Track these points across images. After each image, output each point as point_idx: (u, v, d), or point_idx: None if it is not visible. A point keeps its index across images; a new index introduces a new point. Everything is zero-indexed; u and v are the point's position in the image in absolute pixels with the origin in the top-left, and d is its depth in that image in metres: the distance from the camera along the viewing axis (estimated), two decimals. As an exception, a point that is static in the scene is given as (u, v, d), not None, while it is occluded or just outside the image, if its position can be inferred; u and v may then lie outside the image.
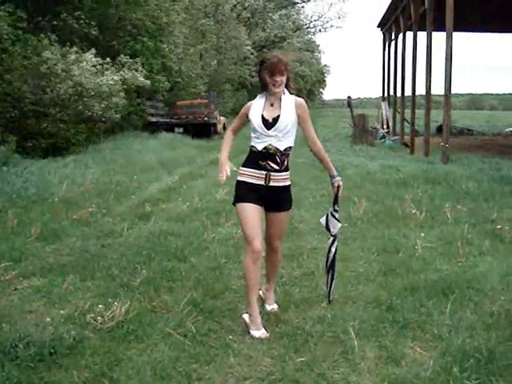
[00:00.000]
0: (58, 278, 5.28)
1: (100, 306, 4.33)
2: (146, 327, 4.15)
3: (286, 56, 4.30)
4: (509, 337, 3.89)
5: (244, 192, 4.27)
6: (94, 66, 15.37)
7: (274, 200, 4.28)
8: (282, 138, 4.18)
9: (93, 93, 14.96)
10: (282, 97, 4.23)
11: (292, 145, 4.25)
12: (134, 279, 5.18)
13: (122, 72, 17.23)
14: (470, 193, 9.49)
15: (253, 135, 4.28)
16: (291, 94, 4.29)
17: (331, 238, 4.68)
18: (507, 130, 30.21)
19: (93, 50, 15.75)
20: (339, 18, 55.57)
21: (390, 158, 14.77)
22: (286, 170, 4.27)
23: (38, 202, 8.69)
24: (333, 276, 4.68)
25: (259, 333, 4.08)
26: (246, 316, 4.26)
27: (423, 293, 4.76)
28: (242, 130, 4.60)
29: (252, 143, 4.29)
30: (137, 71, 18.11)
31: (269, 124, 4.18)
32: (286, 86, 4.27)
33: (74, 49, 15.19)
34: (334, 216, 4.60)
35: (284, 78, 4.17)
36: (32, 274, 5.48)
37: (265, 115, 4.21)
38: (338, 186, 4.48)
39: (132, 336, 4.01)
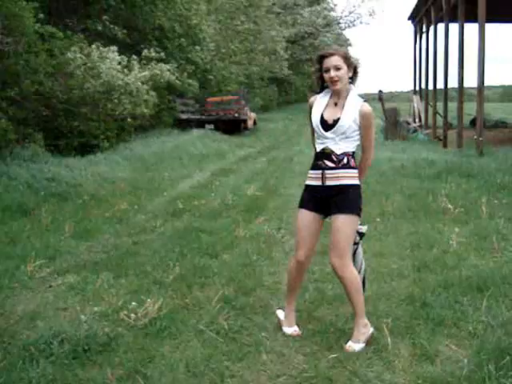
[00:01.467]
0: (91, 275, 5.34)
1: (133, 302, 4.35)
2: (178, 324, 4.16)
3: (339, 48, 3.99)
4: (547, 334, 3.81)
5: (305, 196, 4.01)
6: (120, 63, 15.47)
7: (332, 201, 3.85)
8: (340, 142, 3.82)
9: (122, 90, 15.07)
10: (348, 97, 3.87)
11: (352, 150, 3.87)
12: (166, 276, 5.21)
13: (149, 67, 17.30)
14: (505, 186, 9.32)
15: (316, 136, 3.97)
16: (362, 97, 3.91)
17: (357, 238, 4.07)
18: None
19: (114, 48, 15.83)
20: (370, 15, 55.11)
21: (422, 152, 14.59)
22: (345, 167, 3.83)
23: (70, 199, 8.83)
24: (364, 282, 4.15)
25: (291, 330, 4.03)
26: (279, 312, 4.21)
27: (458, 289, 4.69)
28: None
29: (315, 145, 4.00)
30: (164, 64, 18.08)
31: (328, 125, 3.84)
32: (352, 79, 3.92)
33: (96, 46, 15.31)
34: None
35: (342, 73, 3.79)
36: (66, 271, 5.55)
37: (325, 115, 3.87)
38: None
39: (165, 333, 4.03)
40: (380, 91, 23.93)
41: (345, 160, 3.84)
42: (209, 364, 3.56)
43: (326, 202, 3.88)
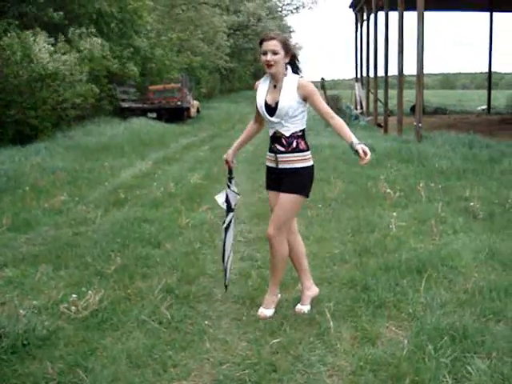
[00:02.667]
0: (30, 269, 5.20)
1: (73, 295, 4.25)
2: (120, 315, 4.10)
3: (280, 33, 4.05)
4: (482, 313, 3.93)
5: (266, 177, 4.27)
6: (51, 44, 15.06)
7: (281, 181, 4.06)
8: (287, 124, 3.95)
9: (57, 74, 14.69)
10: (285, 78, 3.97)
11: (300, 128, 3.99)
12: (107, 267, 5.12)
13: (79, 44, 16.88)
14: (443, 171, 9.57)
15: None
16: (298, 74, 4.02)
17: (231, 214, 4.41)
18: (479, 108, 30.49)
19: (44, 32, 15.40)
20: (312, 2, 55.57)
21: (363, 138, 14.72)
22: (294, 151, 3.98)
23: (8, 191, 8.58)
24: (225, 253, 4.42)
25: (261, 309, 4.13)
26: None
27: (398, 272, 4.78)
28: None
29: None
30: (93, 38, 17.63)
31: (271, 110, 3.98)
32: (293, 66, 4.02)
33: (32, 32, 14.89)
34: (231, 189, 4.42)
35: (277, 58, 3.89)
36: (4, 264, 5.39)
37: (268, 100, 4.01)
38: (365, 153, 3.98)
39: (106, 325, 3.97)
40: (322, 79, 24.15)
41: (294, 144, 3.98)
42: (151, 354, 3.53)
43: (280, 180, 4.07)
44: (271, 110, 3.98)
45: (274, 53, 3.90)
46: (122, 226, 6.66)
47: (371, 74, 24.25)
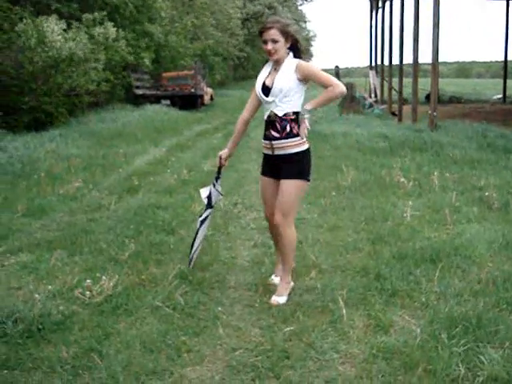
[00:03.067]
0: (45, 254, 5.25)
1: (88, 280, 4.29)
2: (134, 301, 4.13)
3: (280, 20, 4.11)
4: (496, 303, 3.91)
5: (262, 163, 4.35)
6: (64, 30, 15.08)
7: (279, 168, 4.14)
8: (280, 103, 4.03)
9: (69, 59, 14.72)
10: (286, 60, 4.07)
11: (294, 110, 4.04)
12: (122, 253, 5.15)
13: (93, 29, 16.89)
14: (457, 160, 9.52)
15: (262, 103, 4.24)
16: (300, 58, 4.13)
17: (209, 210, 4.66)
18: (494, 97, 30.21)
19: (55, 16, 15.40)
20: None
21: (377, 127, 14.73)
22: (289, 137, 4.04)
23: (23, 177, 8.64)
24: (195, 243, 4.66)
25: (274, 297, 4.17)
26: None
27: (411, 261, 4.77)
28: None
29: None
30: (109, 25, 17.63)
31: (267, 90, 4.09)
32: (295, 51, 4.13)
33: (45, 18, 14.89)
34: (216, 187, 4.61)
35: (278, 45, 4.00)
36: (19, 250, 5.44)
37: (266, 81, 4.13)
38: (304, 125, 4.06)
39: (120, 310, 4.00)
40: (336, 66, 24.03)
41: (287, 128, 4.05)
42: (165, 340, 3.55)
43: (277, 167, 4.16)
44: (268, 90, 4.08)
45: (274, 41, 4.01)
46: (135, 212, 6.70)
47: (386, 62, 24.11)
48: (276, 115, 4.06)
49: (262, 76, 4.20)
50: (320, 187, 7.89)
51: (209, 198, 4.61)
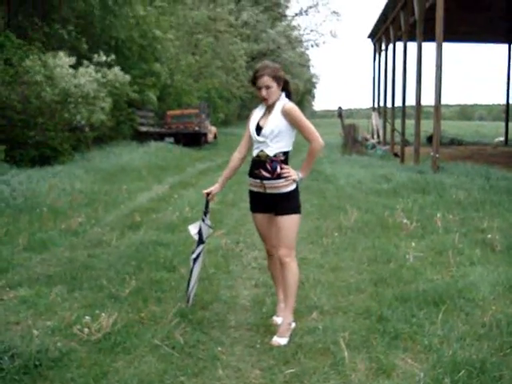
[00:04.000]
0: (44, 289, 5.20)
1: (87, 317, 4.25)
2: (133, 339, 4.08)
3: (269, 65, 4.25)
4: (500, 347, 3.86)
5: (251, 200, 4.43)
6: (72, 67, 15.28)
7: (273, 205, 4.24)
8: (271, 143, 4.15)
9: (78, 96, 14.88)
10: (277, 103, 4.22)
11: (283, 150, 4.17)
12: (122, 290, 5.11)
13: (102, 70, 17.08)
14: (460, 202, 9.50)
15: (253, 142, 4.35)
16: (290, 98, 4.29)
17: (201, 246, 4.65)
18: (496, 139, 30.38)
19: (65, 52, 15.64)
20: (332, 36, 56.41)
21: (380, 168, 14.79)
22: (280, 177, 4.16)
23: (26, 211, 8.62)
24: (191, 282, 4.64)
25: (275, 338, 4.12)
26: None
27: (414, 303, 4.72)
28: None
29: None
30: (117, 69, 17.82)
31: (259, 130, 4.21)
32: (286, 91, 4.28)
33: (53, 54, 15.12)
34: (205, 222, 4.62)
35: (271, 91, 4.17)
36: (19, 284, 5.40)
37: (260, 123, 4.25)
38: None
39: (119, 348, 3.94)
40: (339, 108, 24.25)
41: (278, 169, 4.16)
42: (163, 379, 3.50)
43: (271, 204, 4.26)
44: (259, 130, 4.22)
45: (268, 87, 4.16)
46: (137, 249, 6.67)
47: (388, 104, 24.31)
48: (267, 155, 4.16)
49: (257, 116, 4.32)
50: (322, 227, 7.87)
51: (199, 233, 4.61)
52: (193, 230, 4.64)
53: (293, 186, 4.20)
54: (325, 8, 70.31)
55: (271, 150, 4.16)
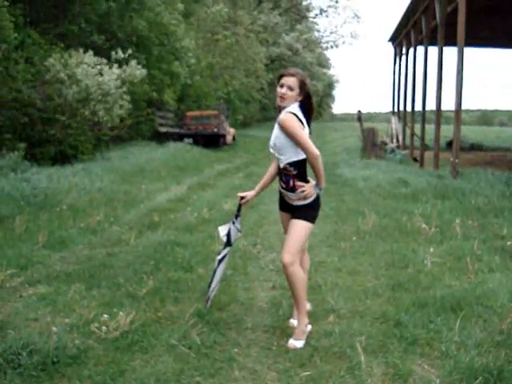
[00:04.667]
0: (63, 286, 5.26)
1: (105, 315, 4.29)
2: (150, 338, 4.10)
3: (301, 73, 4.21)
4: (518, 355, 3.82)
5: (279, 199, 4.50)
6: (93, 66, 15.41)
7: (291, 208, 4.29)
8: (279, 156, 4.17)
9: (98, 94, 15.00)
10: (283, 112, 4.17)
11: (292, 160, 4.11)
12: (139, 289, 5.15)
13: (122, 68, 17.19)
14: (479, 208, 9.42)
15: None
16: (309, 115, 4.25)
17: (228, 248, 4.59)
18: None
19: (91, 52, 15.81)
20: (352, 37, 56.20)
21: (399, 172, 14.71)
22: (292, 191, 4.20)
23: (45, 209, 8.71)
24: (213, 282, 4.59)
25: (291, 341, 4.12)
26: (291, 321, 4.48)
27: (432, 309, 4.70)
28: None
29: None
30: (133, 63, 17.88)
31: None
32: (306, 107, 4.19)
33: (75, 51, 15.26)
34: (235, 225, 4.61)
35: (291, 94, 4.12)
36: (38, 281, 5.46)
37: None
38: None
39: (136, 347, 3.97)
40: (359, 111, 24.15)
41: (290, 183, 4.19)
42: (180, 379, 3.51)
43: (289, 207, 4.31)
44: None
45: (290, 88, 4.12)
46: (155, 248, 6.71)
47: (408, 108, 24.19)
48: (281, 168, 4.21)
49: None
50: (340, 231, 7.86)
51: (228, 235, 4.57)
52: (222, 231, 4.62)
53: (307, 201, 4.18)
54: (345, 10, 70.07)
55: (281, 162, 4.18)
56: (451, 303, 4.80)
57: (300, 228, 4.16)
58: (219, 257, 4.60)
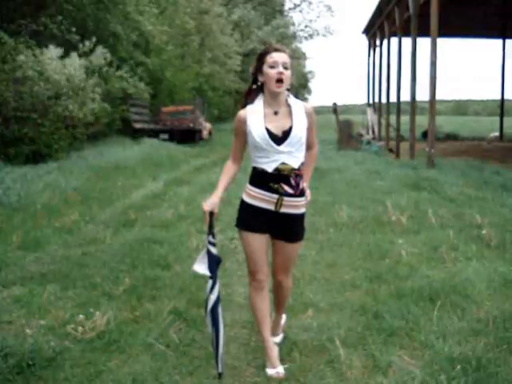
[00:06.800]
0: (38, 288, 5.16)
1: (81, 315, 4.23)
2: (127, 337, 4.05)
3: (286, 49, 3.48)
4: (496, 343, 3.84)
5: (250, 217, 3.56)
6: (60, 57, 15.25)
7: (284, 229, 3.56)
8: (296, 153, 3.41)
9: (69, 89, 14.82)
10: (290, 102, 3.47)
11: (303, 159, 3.50)
12: (116, 288, 5.08)
13: (89, 58, 17.02)
14: (454, 198, 9.49)
15: (256, 154, 3.45)
16: (297, 98, 3.54)
17: (217, 285, 3.53)
18: (491, 135, 30.42)
19: (53, 46, 15.61)
20: (326, 31, 56.25)
21: (375, 164, 14.78)
22: (302, 195, 3.51)
23: (19, 209, 8.57)
24: (218, 334, 3.49)
25: (273, 371, 3.52)
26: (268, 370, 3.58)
27: (410, 299, 4.70)
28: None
29: (256, 164, 3.48)
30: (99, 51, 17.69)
31: (279, 138, 3.38)
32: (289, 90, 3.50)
33: (44, 47, 15.08)
34: (212, 244, 3.57)
35: (288, 74, 3.37)
36: (12, 283, 5.36)
37: (270, 128, 3.39)
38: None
39: (113, 347, 3.92)
40: (334, 103, 24.23)
41: (301, 184, 3.49)
42: (158, 378, 3.47)
43: (274, 225, 3.56)
44: (278, 139, 3.38)
45: (285, 67, 3.37)
46: (131, 246, 6.64)
47: (383, 100, 24.31)
48: (292, 169, 3.41)
49: (257, 119, 3.42)
50: (317, 223, 7.85)
51: (209, 265, 3.51)
52: (199, 267, 3.54)
53: (305, 209, 3.62)
54: (318, 5, 70.14)
55: (296, 162, 3.42)
56: (429, 293, 4.81)
57: (297, 249, 3.74)
58: (210, 304, 3.52)
